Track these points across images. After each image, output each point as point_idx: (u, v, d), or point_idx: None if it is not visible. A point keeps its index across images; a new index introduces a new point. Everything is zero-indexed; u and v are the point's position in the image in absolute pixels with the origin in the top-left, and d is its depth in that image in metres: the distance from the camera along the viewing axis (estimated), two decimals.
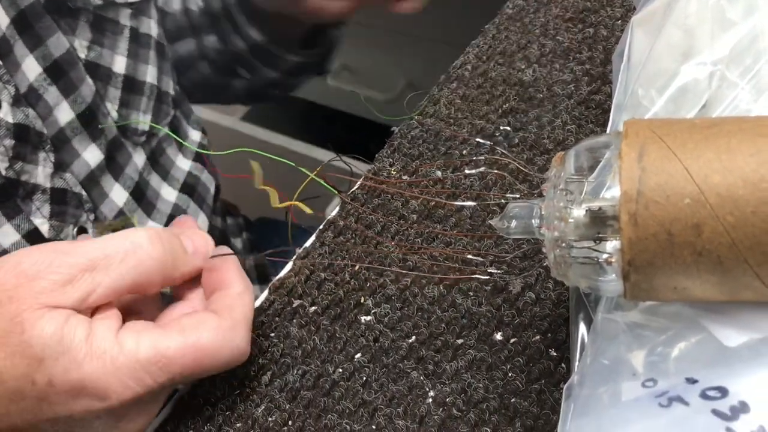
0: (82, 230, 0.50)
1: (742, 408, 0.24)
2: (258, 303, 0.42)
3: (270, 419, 0.37)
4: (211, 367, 0.35)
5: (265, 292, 0.42)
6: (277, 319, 0.41)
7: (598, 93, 0.46)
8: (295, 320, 0.40)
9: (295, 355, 0.39)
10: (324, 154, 1.10)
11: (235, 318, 0.35)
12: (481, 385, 0.35)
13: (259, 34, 0.69)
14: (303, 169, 0.44)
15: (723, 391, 0.25)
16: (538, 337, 0.36)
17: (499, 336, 0.37)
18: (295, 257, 0.43)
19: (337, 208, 0.45)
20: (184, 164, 0.62)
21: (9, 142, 0.45)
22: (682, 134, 0.27)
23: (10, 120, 0.45)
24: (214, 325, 0.35)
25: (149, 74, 0.57)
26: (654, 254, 0.26)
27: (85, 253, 0.34)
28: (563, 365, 0.35)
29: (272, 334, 0.40)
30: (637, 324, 0.30)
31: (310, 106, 1.35)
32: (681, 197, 0.25)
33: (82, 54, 0.51)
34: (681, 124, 0.27)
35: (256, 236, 0.84)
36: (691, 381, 0.26)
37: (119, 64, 0.54)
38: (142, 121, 0.56)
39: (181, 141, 0.61)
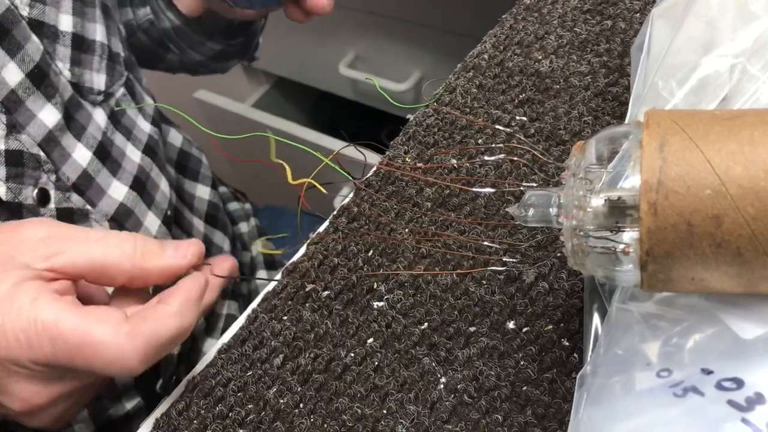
0: (42, 192, 0.50)
1: (758, 399, 0.24)
2: (271, 287, 0.42)
3: (281, 401, 0.37)
4: (91, 359, 0.34)
5: (278, 276, 0.43)
6: (290, 302, 0.41)
7: (615, 85, 0.45)
8: (307, 304, 0.40)
9: (308, 339, 0.39)
10: (336, 144, 1.10)
11: (140, 329, 0.34)
12: (492, 372, 0.35)
13: (178, 20, 0.69)
14: (316, 154, 0.44)
15: (739, 383, 0.25)
16: (550, 326, 0.36)
17: (511, 325, 0.37)
18: (308, 242, 0.43)
19: (351, 194, 0.45)
20: (145, 126, 0.61)
21: None
22: (704, 125, 0.27)
23: None
24: (114, 324, 0.34)
25: (98, 33, 0.56)
26: (672, 244, 0.26)
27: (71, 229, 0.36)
28: (575, 355, 0.35)
29: (285, 318, 0.40)
30: (652, 315, 0.30)
31: (322, 95, 1.35)
32: (702, 188, 0.25)
33: (24, 12, 0.50)
34: (702, 116, 0.27)
35: (265, 222, 0.84)
36: (707, 372, 0.26)
37: (65, 22, 0.53)
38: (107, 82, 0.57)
39: (176, 110, 0.60)
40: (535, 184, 0.39)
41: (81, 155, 0.53)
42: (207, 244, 0.68)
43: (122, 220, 0.56)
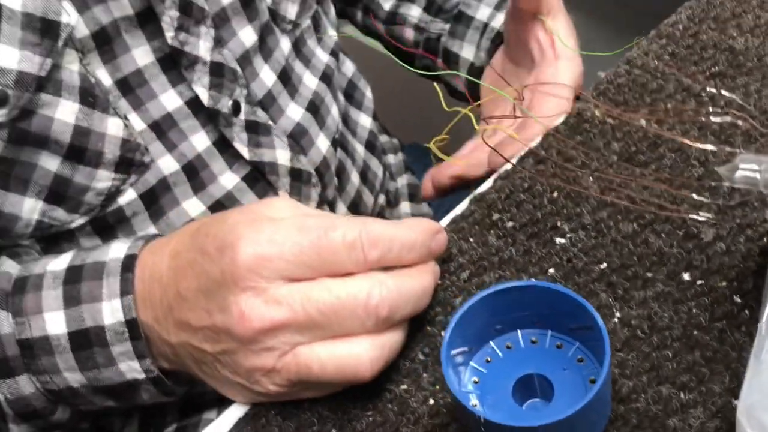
0: (235, 103, 0.56)
1: None
2: (459, 211, 0.47)
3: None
4: None
5: (466, 202, 0.47)
6: (476, 227, 0.45)
7: None
8: (492, 231, 0.45)
9: (492, 261, 0.43)
10: None
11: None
12: (666, 315, 0.39)
13: None
14: (504, 94, 0.48)
15: None
16: (724, 283, 0.40)
17: (687, 276, 0.40)
18: (495, 177, 0.48)
19: (539, 139, 0.49)
20: (323, 56, 0.66)
21: (174, 13, 0.49)
22: None
23: None
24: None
25: None
26: None
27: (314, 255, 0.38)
28: (746, 312, 0.38)
29: (471, 239, 0.45)
30: None
31: None
32: None
33: None
34: None
35: (410, 158, 0.89)
36: None
37: None
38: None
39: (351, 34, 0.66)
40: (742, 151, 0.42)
41: (267, 76, 0.58)
42: (365, 169, 0.73)
43: (298, 138, 0.61)
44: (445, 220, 0.47)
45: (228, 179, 0.55)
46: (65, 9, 0.45)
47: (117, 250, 0.45)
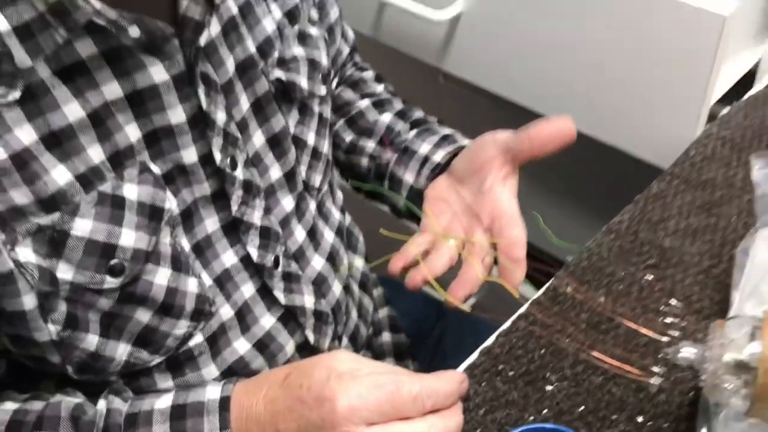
0: (276, 258, 0.70)
1: None
2: (470, 361, 0.62)
3: None
4: None
5: (476, 353, 0.63)
6: (486, 374, 0.61)
7: (715, 267, 0.67)
8: (498, 378, 0.61)
9: (501, 401, 0.59)
10: None
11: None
12: None
13: None
14: (498, 281, 0.65)
15: None
16: (666, 424, 0.56)
17: (640, 419, 0.57)
18: (497, 333, 0.64)
19: (526, 306, 0.65)
20: (336, 213, 0.80)
21: (239, 192, 0.64)
22: None
23: (241, 177, 0.63)
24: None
25: (325, 146, 0.75)
26: None
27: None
28: None
29: (483, 384, 0.60)
30: (748, 429, 0.50)
31: None
32: None
33: (292, 129, 0.69)
34: None
35: (388, 291, 1.04)
36: None
37: (311, 139, 0.72)
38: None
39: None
40: (677, 335, 0.60)
41: (299, 234, 0.73)
42: (360, 306, 0.87)
43: (320, 284, 0.75)
44: (461, 368, 0.62)
45: (267, 321, 0.69)
46: (168, 197, 0.59)
47: (212, 392, 0.58)
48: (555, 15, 0.82)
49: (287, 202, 0.70)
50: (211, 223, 0.64)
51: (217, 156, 0.61)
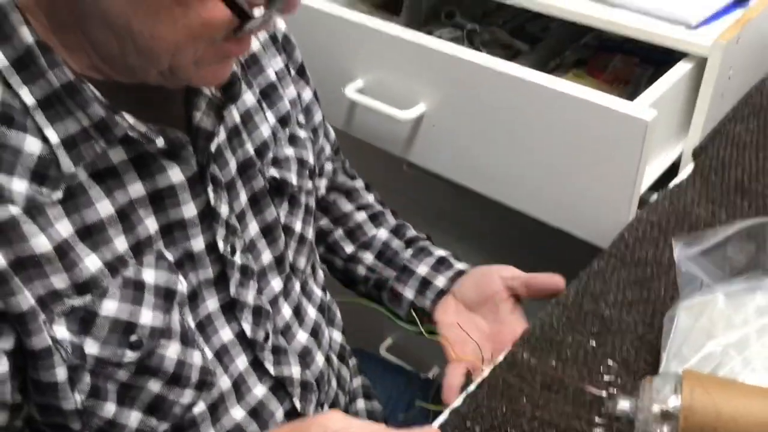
0: (266, 334, 0.78)
1: None
2: (442, 419, 0.71)
3: None
4: None
5: (446, 413, 0.72)
6: (456, 431, 0.70)
7: (649, 334, 0.78)
8: None
9: None
10: None
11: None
12: None
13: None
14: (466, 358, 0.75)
15: None
16: None
17: None
18: (465, 395, 0.73)
19: (489, 369, 0.75)
20: (318, 291, 0.89)
21: (237, 275, 0.73)
22: (714, 384, 0.58)
23: (239, 262, 0.73)
24: None
25: (310, 233, 0.85)
26: None
27: None
28: None
29: None
30: None
31: None
32: (709, 414, 0.57)
33: (282, 219, 0.79)
34: (714, 379, 0.59)
35: (360, 361, 1.12)
36: None
37: (298, 226, 0.81)
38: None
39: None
40: (615, 392, 0.70)
41: (286, 312, 0.82)
42: (338, 375, 0.95)
43: (305, 356, 0.84)
44: (435, 424, 0.71)
45: (259, 390, 0.77)
46: (180, 280, 0.68)
47: None
48: (504, 118, 0.95)
49: (276, 283, 0.79)
50: (212, 303, 0.72)
51: (221, 244, 0.70)
